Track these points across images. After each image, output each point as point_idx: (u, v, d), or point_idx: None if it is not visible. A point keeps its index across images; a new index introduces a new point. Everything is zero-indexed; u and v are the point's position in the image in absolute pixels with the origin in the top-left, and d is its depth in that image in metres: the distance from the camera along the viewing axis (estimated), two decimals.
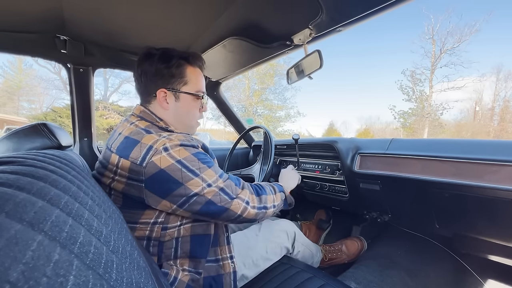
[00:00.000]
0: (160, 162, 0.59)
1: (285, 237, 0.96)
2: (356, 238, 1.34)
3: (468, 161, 0.76)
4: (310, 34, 0.85)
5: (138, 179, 0.60)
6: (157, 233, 0.65)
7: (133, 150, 0.61)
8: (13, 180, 0.25)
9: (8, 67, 16.28)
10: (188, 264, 0.67)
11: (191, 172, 0.61)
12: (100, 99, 15.62)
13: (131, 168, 0.61)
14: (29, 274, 0.17)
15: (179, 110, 0.75)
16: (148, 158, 0.59)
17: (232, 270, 0.73)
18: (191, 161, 0.62)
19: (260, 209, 0.74)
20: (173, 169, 0.60)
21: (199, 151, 0.66)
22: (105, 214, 0.36)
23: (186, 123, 0.78)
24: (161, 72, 0.71)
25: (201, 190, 0.62)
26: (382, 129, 21.41)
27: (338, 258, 1.22)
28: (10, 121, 12.81)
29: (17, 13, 0.81)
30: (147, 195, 0.61)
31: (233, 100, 16.80)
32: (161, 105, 0.72)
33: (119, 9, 0.80)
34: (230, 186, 0.68)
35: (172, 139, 0.63)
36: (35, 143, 0.75)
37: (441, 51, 15.76)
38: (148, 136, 0.63)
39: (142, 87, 0.74)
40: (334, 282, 0.74)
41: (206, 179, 0.63)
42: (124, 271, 0.27)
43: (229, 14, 0.82)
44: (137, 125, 0.68)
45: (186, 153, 0.62)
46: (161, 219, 0.65)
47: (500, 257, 1.04)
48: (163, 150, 0.60)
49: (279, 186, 0.88)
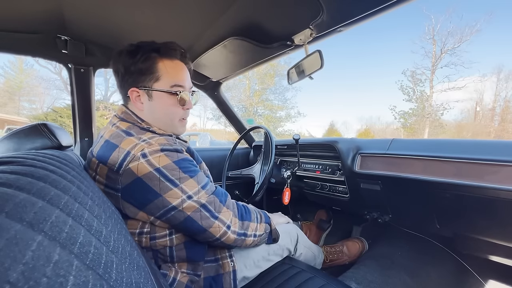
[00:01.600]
0: (137, 170, 0.55)
1: (287, 239, 0.93)
2: (357, 239, 1.33)
3: (469, 161, 0.75)
4: (310, 34, 0.85)
5: (115, 188, 0.57)
6: (146, 243, 0.63)
7: (111, 155, 0.58)
8: (13, 180, 0.25)
9: (9, 67, 16.33)
10: (186, 267, 0.66)
11: (170, 182, 0.57)
12: (101, 99, 15.66)
13: (108, 174, 0.57)
14: (29, 274, 0.17)
15: (155, 110, 0.67)
16: (125, 165, 0.56)
17: (231, 269, 0.71)
18: (171, 169, 0.57)
19: (240, 236, 0.67)
20: (150, 178, 0.55)
21: (183, 157, 0.61)
22: (105, 215, 0.36)
23: (166, 123, 0.70)
24: (129, 70, 0.65)
25: (180, 203, 0.58)
26: (383, 130, 21.39)
27: (339, 259, 1.22)
28: (11, 121, 12.83)
29: (18, 14, 0.81)
30: (124, 205, 0.58)
31: (234, 100, 16.81)
32: (135, 105, 0.67)
33: (120, 9, 0.80)
34: (213, 203, 0.62)
35: (152, 143, 0.58)
36: (35, 143, 0.75)
37: (442, 51, 15.74)
38: (127, 139, 0.59)
39: (119, 88, 0.70)
40: (335, 282, 0.74)
41: (186, 190, 0.58)
42: (124, 271, 0.27)
43: (229, 14, 0.82)
44: (118, 126, 0.64)
45: (167, 161, 0.57)
46: (146, 229, 0.62)
47: (501, 258, 1.03)
48: (141, 156, 0.56)
49: (267, 217, 0.80)
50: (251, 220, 0.71)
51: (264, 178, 1.09)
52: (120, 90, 0.70)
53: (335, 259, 1.21)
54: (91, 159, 0.63)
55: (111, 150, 0.59)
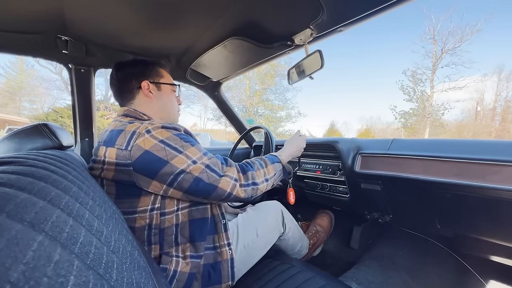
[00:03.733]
0: (144, 144, 0.62)
1: (274, 216, 0.95)
2: (322, 213, 1.45)
3: (469, 161, 0.75)
4: (311, 34, 0.85)
5: (126, 164, 0.62)
6: (157, 219, 0.67)
7: (118, 138, 0.65)
8: (14, 180, 0.25)
9: (9, 68, 16.38)
10: (190, 249, 0.69)
11: (175, 149, 0.64)
12: (101, 100, 15.66)
13: (118, 154, 0.63)
14: (30, 274, 0.17)
15: (163, 99, 0.82)
16: (133, 141, 0.62)
17: (229, 257, 0.74)
18: (174, 140, 0.65)
19: (249, 186, 0.72)
20: (157, 149, 0.62)
21: (181, 133, 0.69)
22: (106, 215, 0.36)
23: (169, 112, 0.84)
24: (141, 70, 0.80)
25: (187, 167, 0.63)
26: (383, 129, 21.38)
27: (319, 239, 1.30)
28: (11, 121, 12.86)
29: (19, 14, 0.81)
30: (137, 177, 0.63)
31: (234, 100, 16.81)
32: (146, 95, 0.79)
33: (120, 9, 0.80)
34: (216, 164, 0.68)
35: (154, 123, 0.66)
36: (36, 143, 0.75)
37: (442, 51, 15.74)
38: (131, 124, 0.67)
39: (124, 87, 0.80)
40: (335, 283, 0.74)
41: (191, 156, 0.65)
42: (125, 271, 0.27)
43: (230, 14, 0.82)
44: (121, 120, 0.72)
45: (168, 134, 0.65)
46: (157, 205, 0.67)
47: (501, 258, 1.03)
48: (146, 132, 0.63)
49: (272, 157, 0.85)
50: (255, 170, 0.76)
51: None
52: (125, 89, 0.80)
53: (316, 241, 1.27)
54: (99, 148, 0.69)
55: (117, 134, 0.66)
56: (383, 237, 1.41)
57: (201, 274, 0.70)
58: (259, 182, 0.75)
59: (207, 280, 0.70)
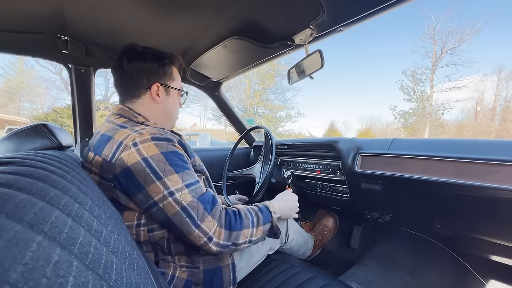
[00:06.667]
0: (127, 159, 0.57)
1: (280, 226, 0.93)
2: (327, 215, 1.48)
3: (469, 161, 0.75)
4: (311, 34, 0.85)
5: (108, 178, 0.59)
6: (145, 236, 0.63)
7: (105, 146, 0.61)
8: (13, 180, 0.25)
9: (9, 68, 16.36)
10: (185, 260, 0.68)
11: (154, 173, 0.57)
12: (101, 100, 15.67)
13: (103, 165, 0.60)
14: (29, 275, 0.17)
15: (169, 103, 0.78)
16: (118, 154, 0.58)
17: (230, 262, 0.73)
18: (158, 160, 0.58)
19: (227, 247, 0.61)
20: (137, 169, 0.57)
21: (173, 149, 0.61)
22: (105, 215, 0.36)
23: (172, 116, 0.81)
24: (155, 69, 0.73)
25: (161, 199, 0.57)
26: (383, 129, 21.39)
27: (325, 237, 1.35)
28: (11, 121, 12.86)
29: (18, 14, 0.81)
30: (117, 194, 0.60)
31: (234, 100, 16.80)
32: (153, 98, 0.74)
33: (120, 9, 0.80)
34: (196, 208, 0.58)
35: (143, 133, 0.60)
36: (35, 143, 0.75)
37: (442, 51, 15.73)
38: (121, 131, 0.62)
39: (130, 83, 0.73)
40: (335, 282, 0.74)
41: (168, 185, 0.57)
42: (124, 272, 0.27)
43: (230, 14, 0.82)
44: (114, 122, 0.68)
45: (155, 151, 0.58)
46: (143, 221, 0.63)
47: (501, 257, 1.03)
48: (132, 145, 0.58)
49: (268, 216, 0.72)
50: (243, 228, 0.64)
51: (265, 178, 1.08)
52: (130, 85, 0.73)
53: (322, 239, 1.33)
54: (88, 153, 0.67)
55: (106, 142, 0.62)
56: (383, 237, 1.41)
57: (202, 280, 0.68)
58: (240, 243, 0.63)
59: (209, 286, 0.69)
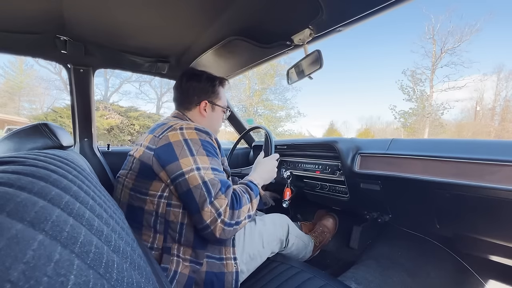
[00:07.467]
0: (171, 137, 0.71)
1: (280, 230, 0.98)
2: (326, 215, 1.48)
3: (469, 161, 0.75)
4: (310, 34, 0.85)
5: (151, 148, 0.72)
6: (163, 208, 0.70)
7: (158, 128, 0.75)
8: (14, 179, 0.25)
9: (9, 68, 16.31)
10: (190, 254, 0.70)
11: (189, 150, 0.69)
12: (101, 100, 15.61)
13: (151, 139, 0.73)
14: (30, 273, 0.17)
15: (213, 118, 0.95)
16: (165, 132, 0.72)
17: (234, 270, 0.75)
18: (195, 142, 0.71)
19: (231, 226, 0.66)
20: (177, 144, 0.69)
21: (210, 140, 0.74)
22: (106, 214, 0.36)
23: (215, 129, 0.96)
24: (207, 89, 0.91)
25: (188, 171, 0.66)
26: (383, 129, 21.37)
27: (325, 238, 1.35)
28: (11, 121, 12.82)
29: (18, 14, 0.81)
30: (153, 162, 0.70)
31: (234, 100, 16.78)
32: (201, 112, 0.91)
33: (119, 9, 0.80)
34: (215, 186, 0.66)
35: (190, 124, 0.75)
36: (36, 143, 0.75)
37: (442, 51, 15.72)
38: (174, 120, 0.78)
39: (185, 98, 0.91)
40: (335, 283, 0.74)
41: (198, 162, 0.68)
42: (125, 271, 0.27)
43: (229, 14, 0.82)
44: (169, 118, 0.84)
45: (195, 136, 0.72)
46: (166, 194, 0.70)
47: (501, 258, 1.03)
48: (179, 129, 0.72)
49: (256, 189, 0.80)
50: (243, 205, 0.71)
51: None
52: (185, 100, 0.91)
53: (322, 240, 1.33)
54: (146, 137, 0.77)
55: (159, 126, 0.77)
56: (383, 237, 1.41)
57: (203, 280, 0.70)
58: (242, 220, 0.69)
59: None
